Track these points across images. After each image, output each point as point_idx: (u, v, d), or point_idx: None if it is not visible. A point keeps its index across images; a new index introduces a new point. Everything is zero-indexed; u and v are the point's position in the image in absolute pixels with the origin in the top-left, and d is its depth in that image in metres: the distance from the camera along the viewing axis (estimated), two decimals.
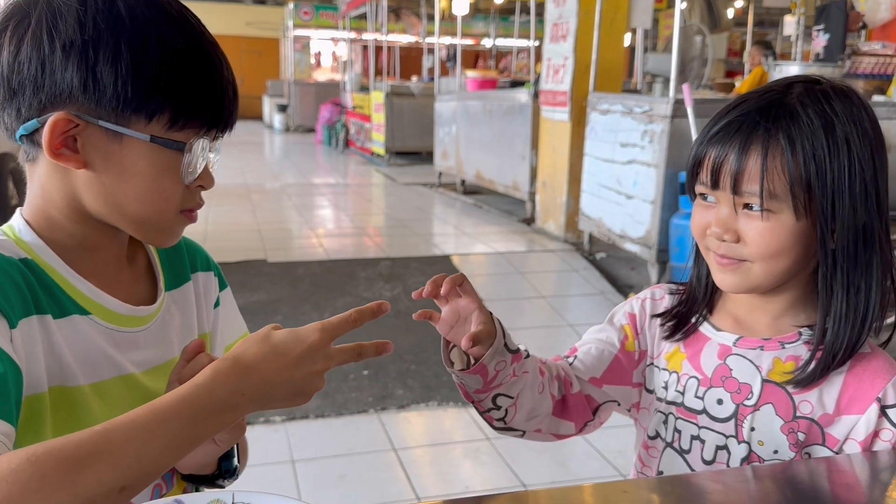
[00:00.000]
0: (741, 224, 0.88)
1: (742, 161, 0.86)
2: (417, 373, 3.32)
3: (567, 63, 5.18)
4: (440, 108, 8.24)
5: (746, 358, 0.94)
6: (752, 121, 0.87)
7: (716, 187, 0.89)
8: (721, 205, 0.90)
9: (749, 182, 0.86)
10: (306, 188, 8.53)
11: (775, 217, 0.86)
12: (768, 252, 0.88)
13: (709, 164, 0.89)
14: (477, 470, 2.67)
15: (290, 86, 16.42)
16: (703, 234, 0.93)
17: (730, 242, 0.89)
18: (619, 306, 1.08)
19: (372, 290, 4.25)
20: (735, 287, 0.92)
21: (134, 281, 0.89)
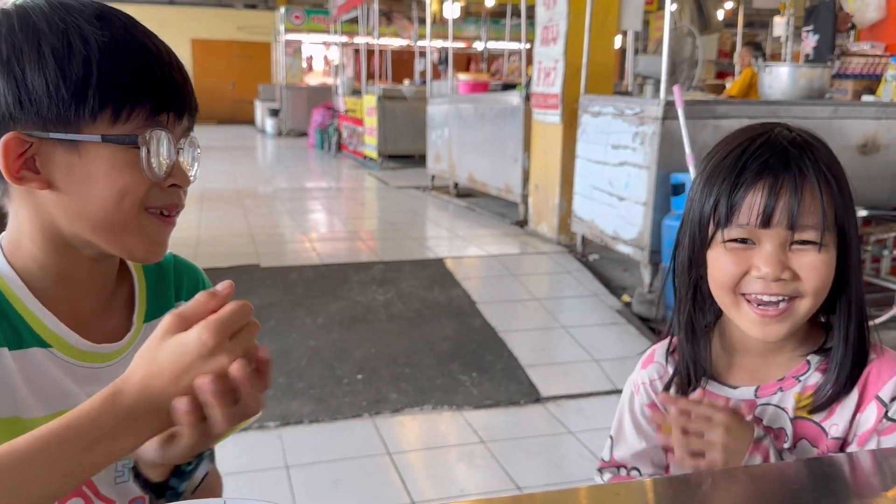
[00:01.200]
0: (793, 260, 0.88)
1: (799, 195, 0.87)
2: (411, 377, 3.32)
3: (558, 66, 5.19)
4: (432, 111, 8.24)
5: (771, 404, 0.95)
6: (782, 159, 0.89)
7: (766, 226, 0.88)
8: (764, 244, 0.89)
9: (807, 215, 0.87)
10: (299, 192, 8.52)
11: (827, 250, 0.88)
12: (823, 286, 0.89)
13: (756, 205, 0.88)
14: (472, 473, 2.67)
15: (282, 90, 16.40)
16: (738, 281, 0.91)
17: (787, 281, 0.88)
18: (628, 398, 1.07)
19: (365, 293, 4.25)
20: (782, 334, 0.91)
21: (109, 314, 0.87)
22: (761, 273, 0.88)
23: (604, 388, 3.28)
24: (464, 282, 4.51)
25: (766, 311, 0.90)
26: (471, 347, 3.65)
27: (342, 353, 3.51)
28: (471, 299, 4.23)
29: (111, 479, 0.85)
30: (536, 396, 3.20)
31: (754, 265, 0.89)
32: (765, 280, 0.88)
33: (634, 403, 1.05)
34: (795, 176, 0.87)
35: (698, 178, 0.96)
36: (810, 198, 0.87)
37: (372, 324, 3.85)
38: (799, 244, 0.88)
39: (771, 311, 0.90)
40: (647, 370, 1.04)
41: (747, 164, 0.89)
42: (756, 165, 0.89)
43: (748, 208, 0.88)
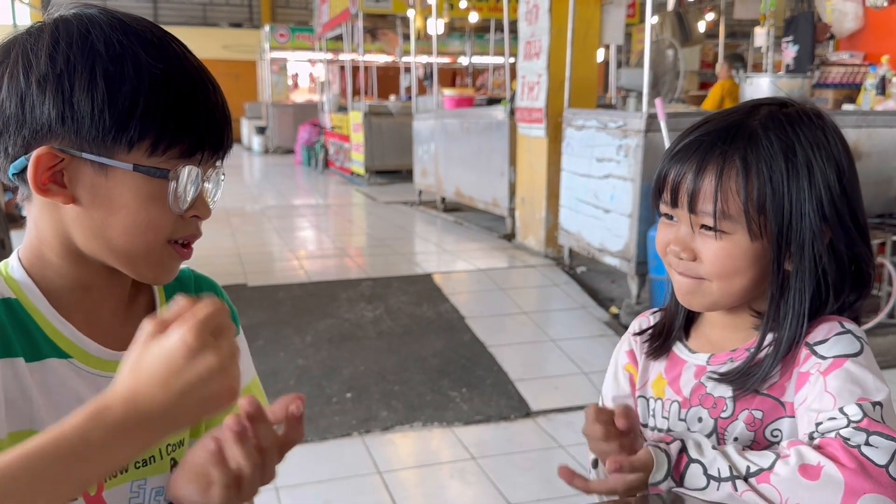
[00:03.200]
0: (698, 243, 0.91)
1: (698, 181, 0.88)
2: (401, 394, 3.31)
3: (541, 80, 5.23)
4: (418, 126, 8.27)
5: (718, 373, 0.95)
6: (711, 142, 0.89)
7: (675, 205, 0.91)
8: (681, 223, 0.92)
9: (704, 202, 0.88)
10: (286, 210, 8.51)
11: (729, 238, 0.89)
12: (723, 271, 0.90)
13: (669, 183, 0.91)
14: (463, 490, 2.65)
15: (268, 108, 16.43)
16: (665, 251, 0.95)
17: (687, 261, 0.92)
18: (619, 344, 1.10)
19: (354, 311, 4.24)
20: (695, 304, 0.95)
21: (128, 322, 0.84)
22: (670, 248, 0.93)
23: (594, 401, 3.28)
24: (452, 297, 4.51)
25: (681, 281, 0.94)
26: (460, 363, 3.64)
27: (331, 372, 3.50)
28: (459, 314, 4.23)
29: (125, 500, 0.84)
30: (527, 411, 3.20)
31: (670, 239, 0.94)
32: (675, 256, 0.93)
33: (618, 354, 1.09)
34: (713, 159, 0.88)
35: None
36: (708, 183, 0.88)
37: (361, 341, 3.84)
38: (704, 228, 0.90)
39: (685, 283, 0.94)
40: (637, 321, 1.08)
41: (677, 143, 0.93)
42: (687, 142, 0.91)
43: (668, 186, 0.92)
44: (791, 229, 0.88)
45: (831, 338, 0.88)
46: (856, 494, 0.74)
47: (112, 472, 0.64)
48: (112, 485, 0.81)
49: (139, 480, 0.83)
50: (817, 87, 4.74)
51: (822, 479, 0.75)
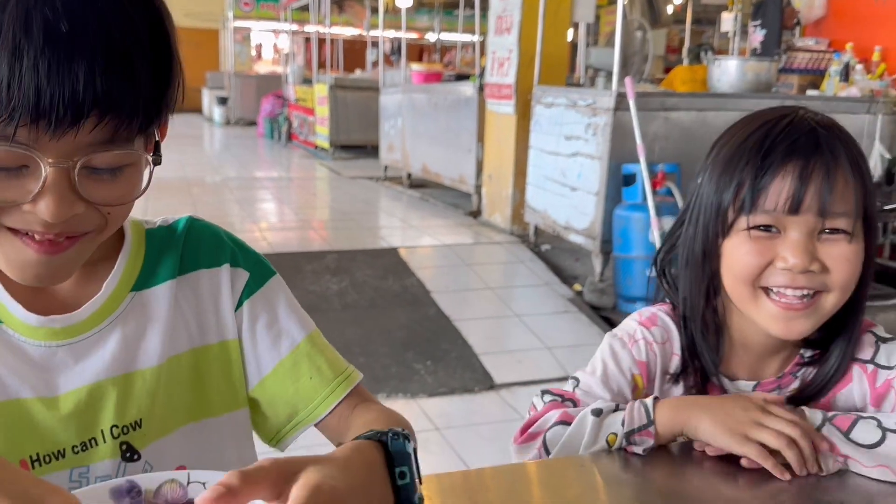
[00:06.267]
0: (821, 251, 0.82)
1: (832, 180, 0.80)
2: (366, 366, 3.29)
3: (511, 56, 5.20)
4: (385, 100, 8.18)
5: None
6: (812, 139, 0.82)
7: (795, 212, 0.81)
8: (789, 232, 0.82)
9: (839, 202, 0.81)
10: (248, 182, 8.36)
11: (857, 240, 0.83)
12: (852, 279, 0.83)
13: (785, 189, 0.81)
14: (426, 460, 2.64)
15: (231, 78, 16.06)
16: (760, 272, 0.84)
17: (816, 273, 0.82)
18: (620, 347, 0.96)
19: (318, 283, 4.20)
20: (807, 330, 0.85)
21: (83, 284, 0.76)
22: (788, 264, 0.81)
23: (556, 374, 3.31)
24: (418, 271, 4.49)
25: (791, 304, 0.83)
26: (425, 336, 3.64)
27: None
28: (425, 288, 4.22)
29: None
30: (490, 384, 3.21)
31: (780, 255, 0.82)
32: (791, 272, 0.82)
33: (621, 355, 0.95)
34: (828, 159, 0.81)
35: (710, 165, 0.89)
36: (843, 183, 0.81)
37: (326, 313, 3.81)
38: (828, 233, 0.82)
39: (796, 305, 0.83)
40: (651, 330, 0.95)
41: (774, 144, 0.83)
42: (784, 146, 0.82)
43: (776, 193, 0.81)
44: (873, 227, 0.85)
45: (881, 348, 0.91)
46: None
47: None
48: (44, 472, 0.72)
49: (80, 468, 0.74)
50: (783, 71, 4.81)
51: None
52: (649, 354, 0.94)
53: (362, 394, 0.88)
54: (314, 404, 0.84)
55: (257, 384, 0.84)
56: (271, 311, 0.85)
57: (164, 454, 0.78)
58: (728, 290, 0.88)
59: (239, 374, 0.84)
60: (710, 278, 0.90)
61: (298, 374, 0.84)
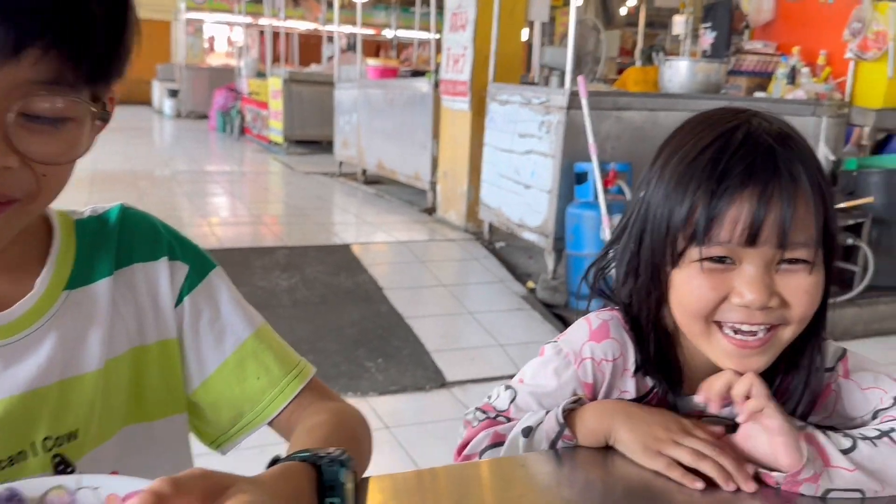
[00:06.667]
0: (780, 283, 0.75)
1: (792, 207, 0.72)
2: (315, 363, 3.16)
3: (467, 53, 5.19)
4: (340, 96, 8.10)
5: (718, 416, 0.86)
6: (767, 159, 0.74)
7: (752, 244, 0.73)
8: (747, 265, 0.75)
9: (800, 231, 0.73)
10: (199, 176, 8.18)
11: (817, 269, 0.76)
12: (811, 310, 0.77)
13: (741, 219, 0.73)
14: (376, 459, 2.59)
15: (182, 70, 15.75)
16: (714, 308, 0.77)
17: (776, 309, 0.75)
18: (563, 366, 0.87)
19: (268, 279, 4.12)
20: (762, 366, 0.78)
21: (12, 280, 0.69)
22: (745, 300, 0.74)
23: (508, 372, 3.31)
24: (371, 268, 4.44)
25: (746, 341, 0.76)
26: (377, 333, 3.60)
27: None
28: (377, 285, 4.18)
29: None
30: (442, 381, 3.19)
31: (735, 290, 0.75)
32: (748, 309, 0.75)
33: (565, 377, 0.87)
34: (788, 183, 0.73)
35: (657, 177, 0.81)
36: (804, 209, 0.73)
37: (275, 309, 3.74)
38: (787, 263, 0.75)
39: (751, 342, 0.76)
40: (601, 345, 0.86)
41: (730, 166, 0.74)
42: (741, 169, 0.73)
43: (731, 222, 0.73)
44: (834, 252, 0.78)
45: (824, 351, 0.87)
46: None
47: None
48: None
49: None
50: (732, 73, 4.90)
51: None
52: (597, 375, 0.86)
53: (317, 389, 0.85)
54: (261, 406, 0.80)
55: (199, 386, 0.79)
56: (213, 306, 0.80)
57: (99, 464, 0.73)
58: (678, 322, 0.82)
59: (179, 375, 0.79)
60: (657, 302, 0.83)
61: (244, 374, 0.79)
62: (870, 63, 4.43)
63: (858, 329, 3.90)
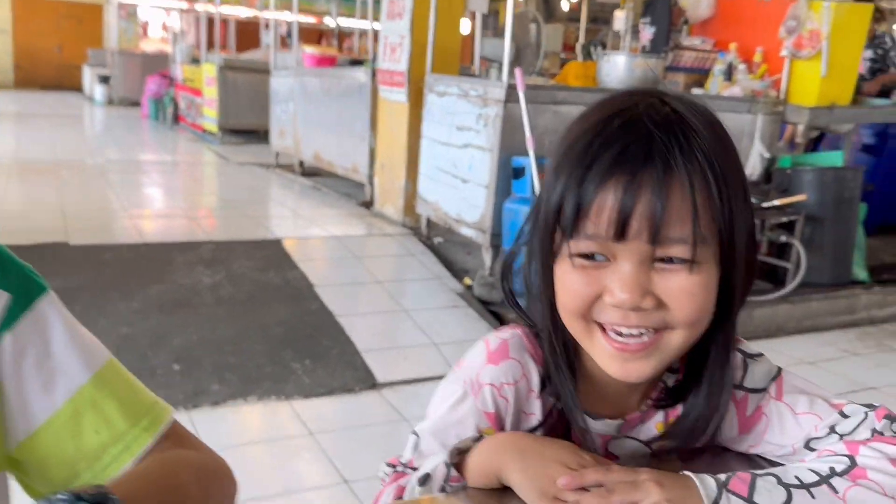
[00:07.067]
0: (657, 284, 0.67)
1: (663, 199, 0.64)
2: (237, 365, 3.07)
3: (404, 42, 5.04)
4: (276, 84, 7.85)
5: (630, 437, 0.79)
6: (647, 143, 0.65)
7: (621, 238, 0.65)
8: (620, 261, 0.67)
9: (674, 225, 0.64)
10: (126, 165, 7.83)
11: (702, 269, 0.66)
12: (698, 315, 0.68)
13: (607, 210, 0.65)
14: (296, 468, 2.48)
15: (114, 56, 15.17)
16: (589, 306, 0.69)
17: (651, 311, 0.67)
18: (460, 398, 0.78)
19: (190, 275, 3.91)
20: (647, 373, 0.70)
21: None
22: (615, 300, 0.67)
23: (442, 371, 3.18)
24: (302, 263, 4.27)
25: (626, 344, 0.69)
26: (305, 332, 3.44)
27: (158, 342, 3.19)
28: (308, 282, 4.01)
29: None
30: (372, 382, 3.06)
31: (608, 289, 0.68)
32: (621, 309, 0.67)
33: (463, 410, 0.77)
34: (660, 171, 0.64)
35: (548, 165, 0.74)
36: (679, 201, 0.64)
37: (196, 308, 3.54)
38: (664, 262, 0.67)
39: (631, 345, 0.69)
40: (500, 368, 0.77)
41: (599, 152, 0.66)
42: (610, 156, 0.65)
43: (597, 214, 0.66)
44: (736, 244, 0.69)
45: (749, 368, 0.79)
46: None
47: None
48: None
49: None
50: (670, 69, 4.88)
51: None
52: (498, 402, 0.77)
53: (175, 437, 0.71)
54: (101, 465, 0.66)
55: (24, 441, 0.65)
56: (42, 342, 0.66)
57: None
58: (564, 321, 0.73)
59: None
60: (551, 304, 0.74)
61: (80, 427, 0.66)
62: (804, 61, 4.46)
63: (791, 326, 3.92)
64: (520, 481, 0.68)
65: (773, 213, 4.01)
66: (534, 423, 0.78)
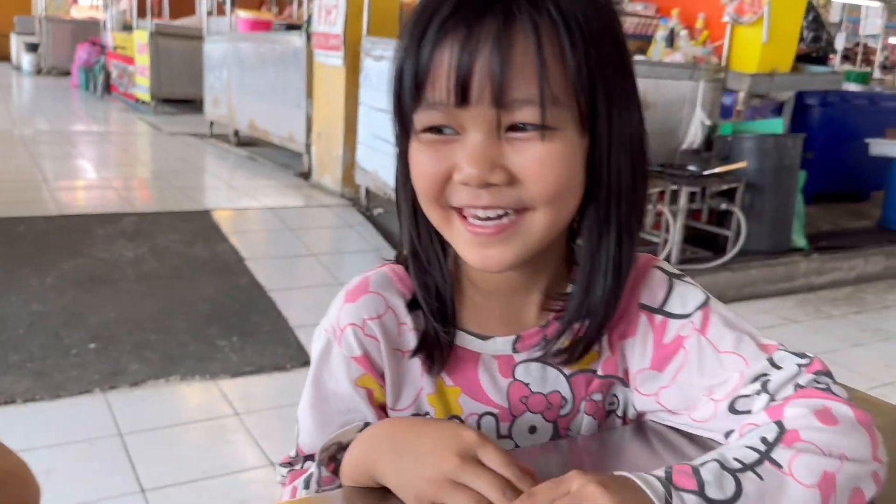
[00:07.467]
0: (509, 156, 0.58)
1: (506, 54, 0.55)
2: (159, 343, 2.89)
3: (339, 4, 4.84)
4: (210, 49, 7.52)
5: (533, 359, 0.69)
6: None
7: (464, 103, 0.57)
8: (470, 132, 0.58)
9: (520, 86, 0.56)
10: (53, 137, 7.43)
11: (559, 135, 0.58)
12: (558, 189, 0.59)
13: (444, 71, 0.57)
14: (219, 451, 2.34)
15: (42, 23, 14.50)
16: (441, 188, 0.61)
17: (502, 186, 0.59)
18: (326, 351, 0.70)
19: (111, 249, 3.69)
20: (508, 261, 0.62)
21: None
22: (463, 175, 0.59)
23: None
24: (232, 236, 4.07)
25: (484, 227, 0.60)
26: (234, 308, 3.27)
27: (73, 319, 2.99)
28: (239, 255, 3.83)
29: None
30: (305, 360, 2.92)
31: (457, 165, 0.59)
32: (471, 187, 0.59)
33: (332, 364, 0.69)
34: (500, 22, 0.56)
35: None
36: (523, 56, 0.56)
37: (115, 284, 3.33)
38: (516, 131, 0.58)
39: (487, 228, 0.60)
40: (358, 303, 0.69)
41: (435, 6, 0.58)
42: (446, 8, 0.57)
43: (435, 78, 0.57)
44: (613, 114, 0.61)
45: (675, 289, 0.69)
46: (870, 425, 0.58)
47: None
48: None
49: None
50: None
51: (841, 420, 0.57)
52: (365, 342, 0.68)
53: None
54: None
55: None
56: None
57: None
58: (424, 210, 0.64)
59: None
60: (413, 196, 0.65)
61: None
62: (745, 27, 4.42)
63: (731, 294, 3.91)
64: (395, 485, 0.57)
65: (713, 180, 3.98)
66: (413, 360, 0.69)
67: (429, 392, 0.70)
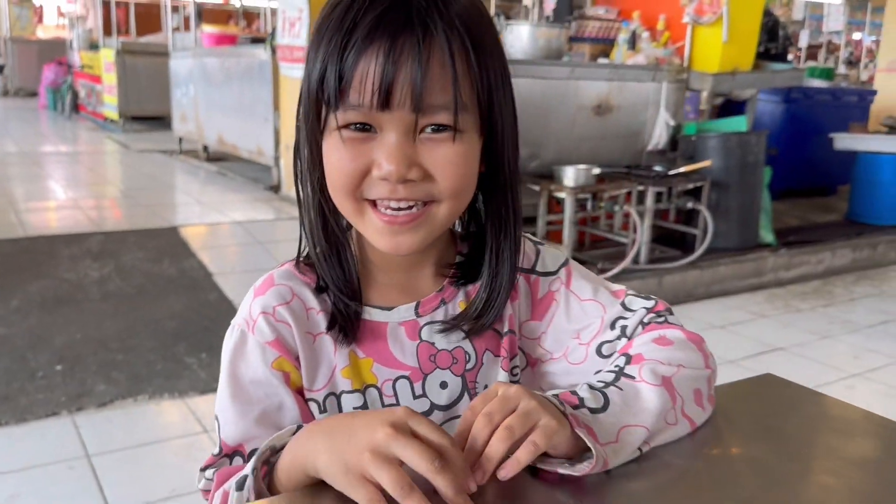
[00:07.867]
0: (423, 155, 0.66)
1: (425, 65, 0.62)
2: (125, 363, 2.85)
3: (302, 16, 4.84)
4: (176, 66, 7.48)
5: (437, 321, 0.77)
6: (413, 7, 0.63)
7: (386, 107, 0.63)
8: (387, 132, 0.65)
9: (437, 94, 0.63)
10: (20, 158, 7.34)
11: (466, 138, 0.67)
12: (461, 185, 0.68)
13: (370, 77, 0.62)
14: (189, 469, 2.31)
15: (8, 44, 14.38)
16: (359, 182, 0.67)
17: (418, 182, 0.66)
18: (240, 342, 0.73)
19: (76, 270, 3.64)
20: (415, 246, 0.70)
21: None
22: (383, 172, 0.65)
23: None
24: (200, 252, 4.04)
25: (395, 216, 0.68)
26: (202, 325, 3.24)
27: (39, 342, 2.94)
28: (207, 271, 3.80)
29: None
30: None
31: (375, 162, 0.66)
32: (389, 182, 0.66)
33: (248, 353, 0.72)
34: (419, 37, 0.62)
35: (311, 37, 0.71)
36: (440, 67, 0.63)
37: (81, 304, 3.29)
38: (431, 132, 0.66)
39: (400, 217, 0.68)
40: (267, 295, 0.74)
41: (358, 18, 0.63)
42: (369, 21, 0.62)
43: (360, 82, 0.63)
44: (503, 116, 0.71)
45: (542, 253, 0.83)
46: (700, 343, 0.76)
47: None
48: None
49: None
50: (575, 40, 4.84)
51: (674, 341, 0.75)
52: (278, 327, 0.73)
53: None
54: None
55: None
56: None
57: None
58: (335, 202, 0.71)
59: None
60: (321, 187, 0.71)
61: None
62: (706, 27, 4.48)
63: (700, 291, 3.95)
64: (325, 464, 0.58)
65: (679, 180, 4.02)
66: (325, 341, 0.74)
67: (343, 366, 0.74)
